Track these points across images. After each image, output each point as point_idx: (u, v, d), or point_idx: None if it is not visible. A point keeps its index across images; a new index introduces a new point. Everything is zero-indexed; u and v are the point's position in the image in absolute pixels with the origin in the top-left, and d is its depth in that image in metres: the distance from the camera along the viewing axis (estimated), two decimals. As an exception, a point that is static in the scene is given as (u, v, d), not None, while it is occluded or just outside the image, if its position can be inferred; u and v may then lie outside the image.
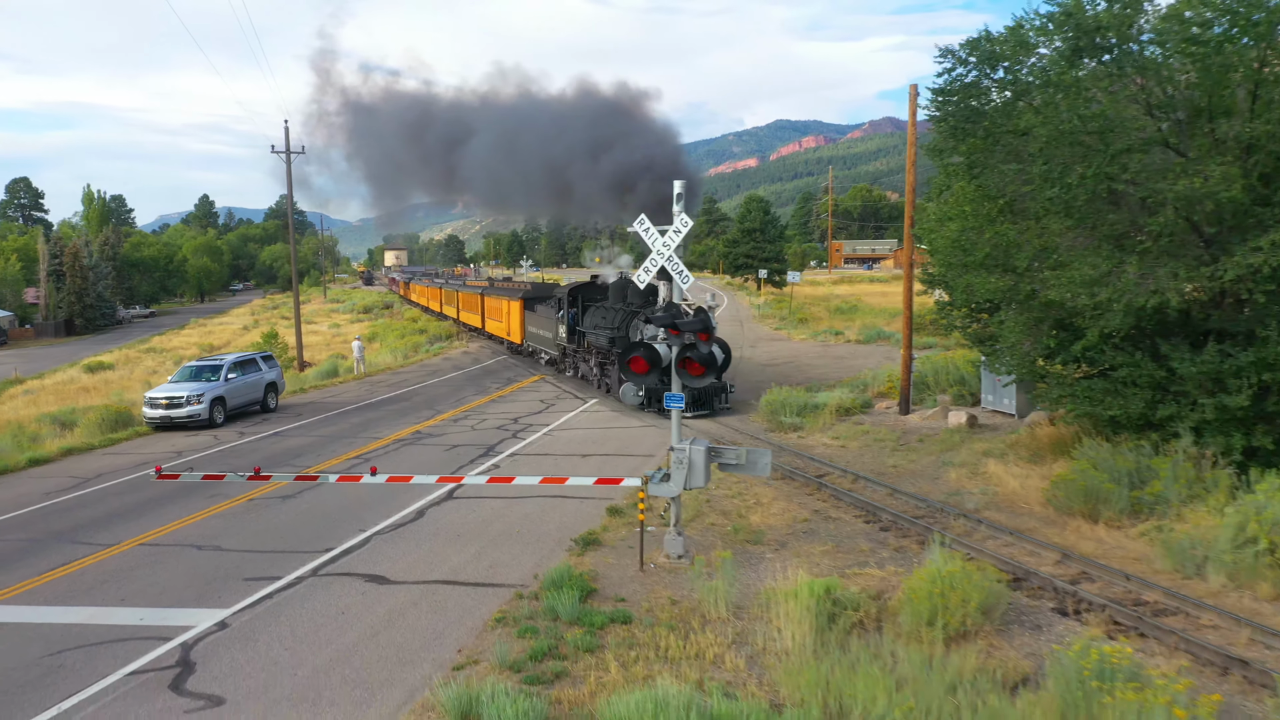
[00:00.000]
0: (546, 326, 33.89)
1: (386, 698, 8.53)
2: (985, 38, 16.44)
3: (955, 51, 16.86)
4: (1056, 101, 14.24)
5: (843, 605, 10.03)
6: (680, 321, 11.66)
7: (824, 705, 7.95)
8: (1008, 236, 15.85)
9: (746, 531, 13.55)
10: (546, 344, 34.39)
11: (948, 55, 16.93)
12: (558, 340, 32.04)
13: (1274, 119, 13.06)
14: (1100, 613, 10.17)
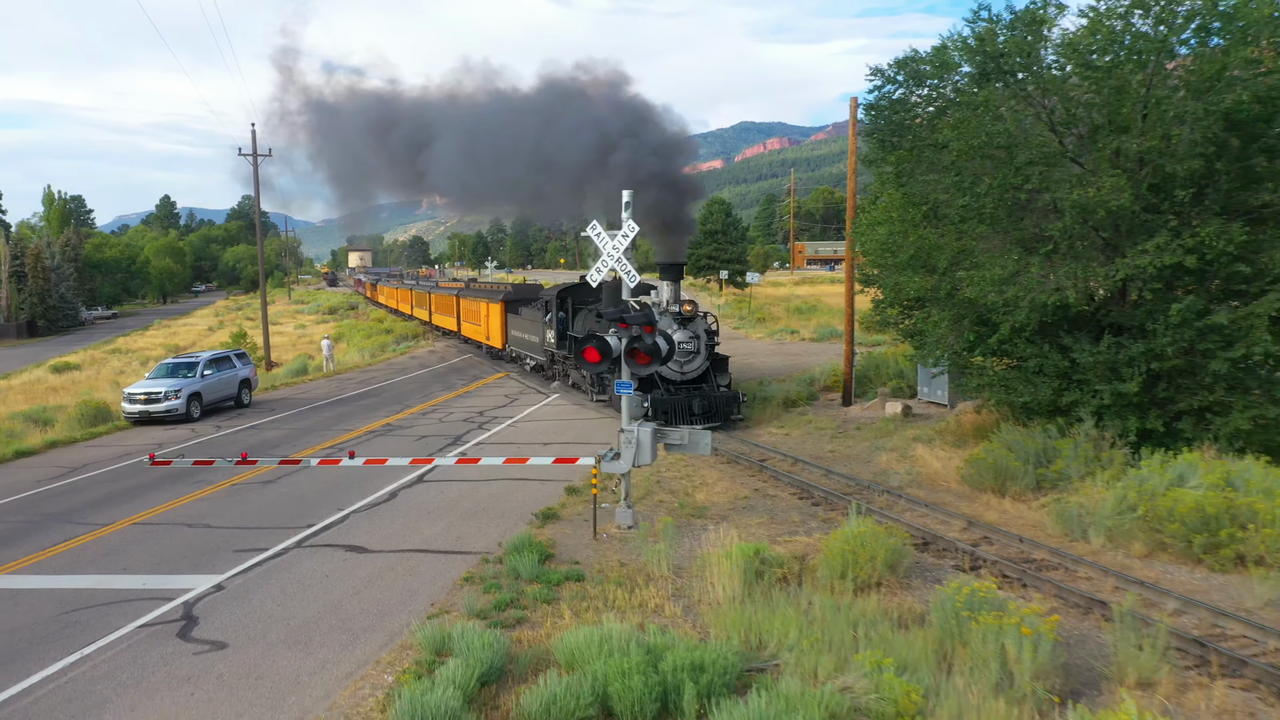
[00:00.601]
0: (532, 330, 31.71)
1: (369, 640, 9.84)
2: (912, 58, 18.03)
3: (884, 70, 18.44)
4: (968, 118, 15.81)
5: (769, 564, 11.46)
6: (628, 315, 13.05)
7: (745, 638, 9.37)
8: (930, 240, 17.42)
9: (692, 507, 14.97)
10: (532, 349, 32.20)
11: (878, 74, 18.52)
12: (545, 345, 30.05)
13: (1159, 136, 14.67)
14: (992, 568, 11.70)
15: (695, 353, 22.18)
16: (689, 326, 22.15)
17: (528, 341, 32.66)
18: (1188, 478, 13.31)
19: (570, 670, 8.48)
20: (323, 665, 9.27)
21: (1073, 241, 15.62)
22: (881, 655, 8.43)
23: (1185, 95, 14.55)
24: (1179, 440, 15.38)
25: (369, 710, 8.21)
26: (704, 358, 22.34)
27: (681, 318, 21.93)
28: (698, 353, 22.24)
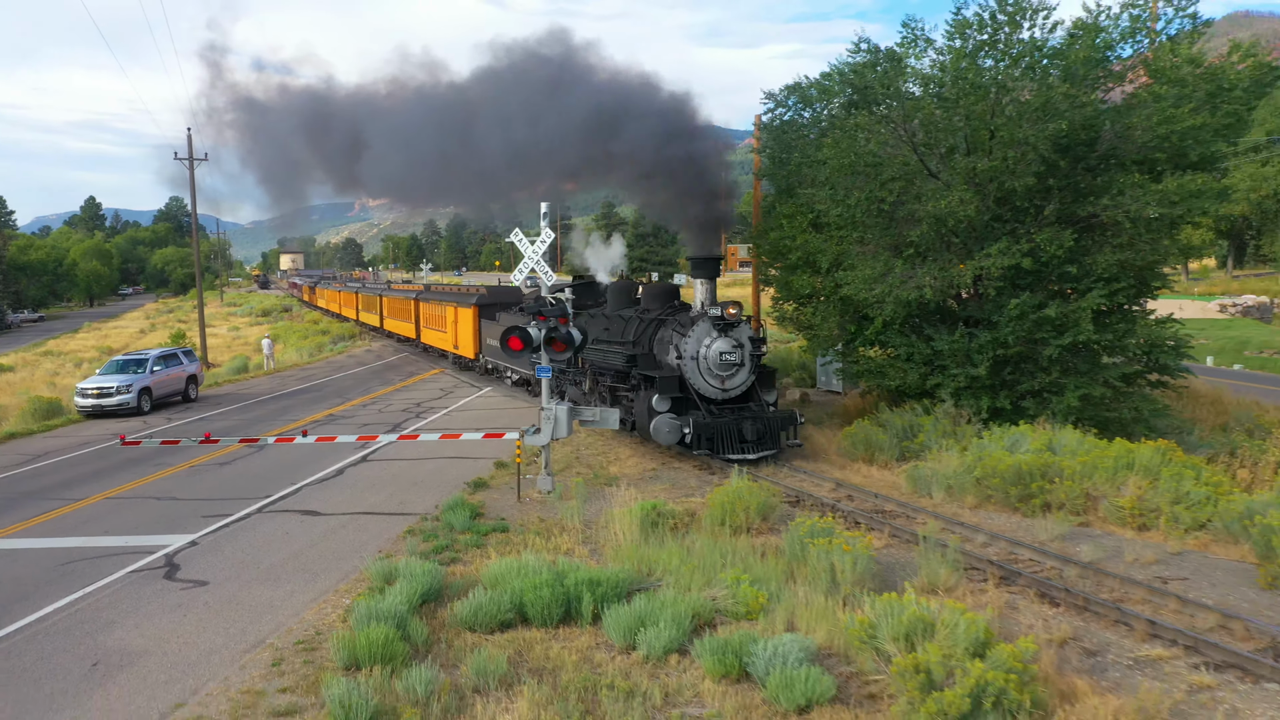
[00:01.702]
0: None
1: (328, 577, 11.90)
2: (799, 85, 20.52)
3: (775, 94, 20.91)
4: (843, 139, 18.33)
5: (664, 516, 13.73)
6: (545, 309, 15.24)
7: (637, 568, 11.61)
8: (814, 244, 19.92)
9: (605, 477, 17.21)
10: (515, 360, 27.52)
11: (771, 98, 20.96)
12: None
13: (1001, 157, 17.30)
14: (848, 516, 14.13)
15: (739, 365, 18.21)
16: (731, 334, 18.16)
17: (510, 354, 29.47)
18: (1020, 444, 15.93)
19: (493, 588, 10.64)
20: (291, 594, 11.32)
21: (931, 246, 18.23)
22: (741, 573, 10.76)
23: (1022, 123, 17.21)
24: (1024, 416, 18.03)
25: (332, 620, 10.29)
26: (749, 371, 18.34)
27: (722, 323, 18.12)
28: (741, 365, 18.24)
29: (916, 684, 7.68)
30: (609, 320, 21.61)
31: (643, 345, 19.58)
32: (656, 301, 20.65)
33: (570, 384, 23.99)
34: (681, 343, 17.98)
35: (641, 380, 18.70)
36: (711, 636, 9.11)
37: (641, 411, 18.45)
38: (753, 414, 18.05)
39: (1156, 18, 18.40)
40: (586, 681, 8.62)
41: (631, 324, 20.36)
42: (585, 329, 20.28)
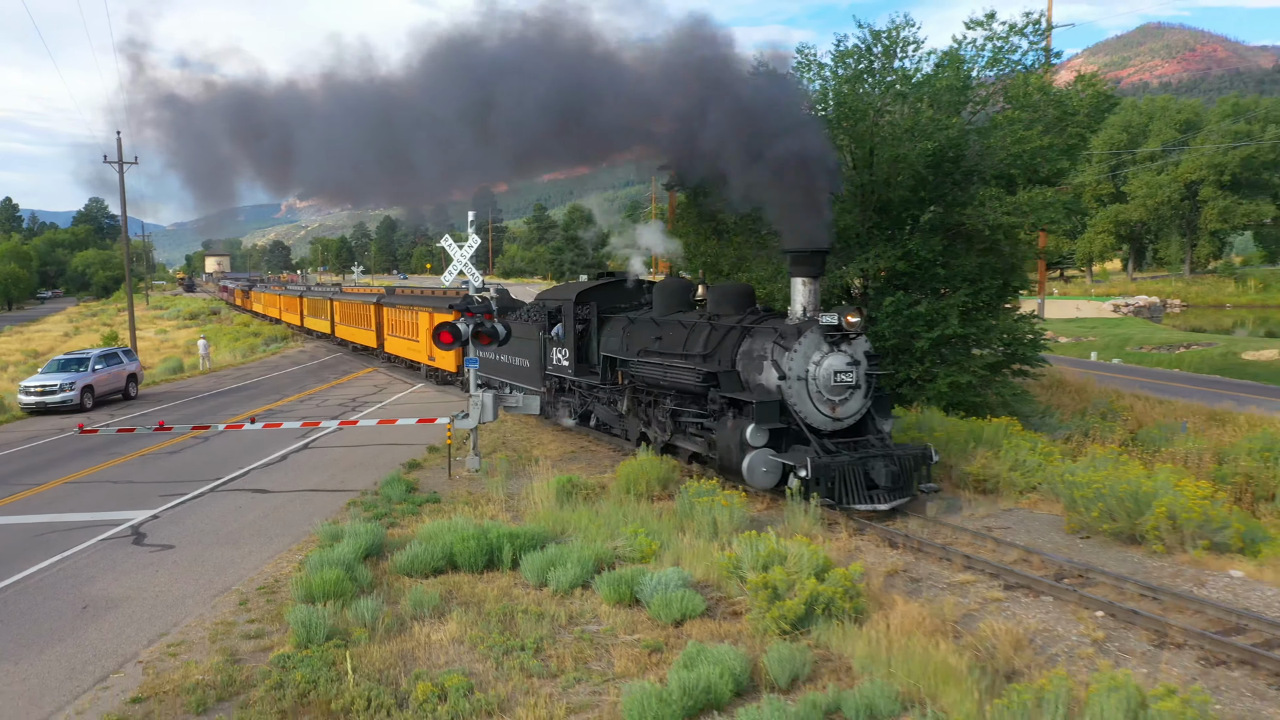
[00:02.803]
0: (521, 351, 22.93)
1: (281, 539, 13.62)
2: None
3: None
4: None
5: (578, 487, 15.66)
6: (472, 306, 17.09)
7: (552, 526, 13.52)
8: (716, 249, 22.05)
9: (528, 458, 19.09)
10: (520, 376, 23.25)
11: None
12: (550, 369, 21.45)
13: (879, 172, 19.61)
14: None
15: (854, 387, 14.44)
16: (845, 348, 14.45)
17: (511, 366, 23.95)
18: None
19: (427, 542, 12.46)
20: (249, 553, 13.02)
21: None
22: (639, 527, 12.76)
23: (897, 142, 19.52)
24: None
25: (288, 571, 12.03)
26: (865, 394, 14.63)
27: (834, 334, 14.37)
28: (857, 387, 14.48)
29: (765, 597, 9.75)
30: (660, 327, 17.48)
31: (722, 360, 15.49)
32: (729, 304, 16.67)
33: (598, 402, 20.03)
34: (784, 358, 14.24)
35: (726, 405, 14.88)
36: (610, 573, 11.08)
37: (729, 445, 14.67)
38: (881, 450, 14.03)
39: (1014, 50, 20.88)
40: (505, 609, 10.53)
41: (698, 332, 16.39)
42: (626, 336, 18.44)
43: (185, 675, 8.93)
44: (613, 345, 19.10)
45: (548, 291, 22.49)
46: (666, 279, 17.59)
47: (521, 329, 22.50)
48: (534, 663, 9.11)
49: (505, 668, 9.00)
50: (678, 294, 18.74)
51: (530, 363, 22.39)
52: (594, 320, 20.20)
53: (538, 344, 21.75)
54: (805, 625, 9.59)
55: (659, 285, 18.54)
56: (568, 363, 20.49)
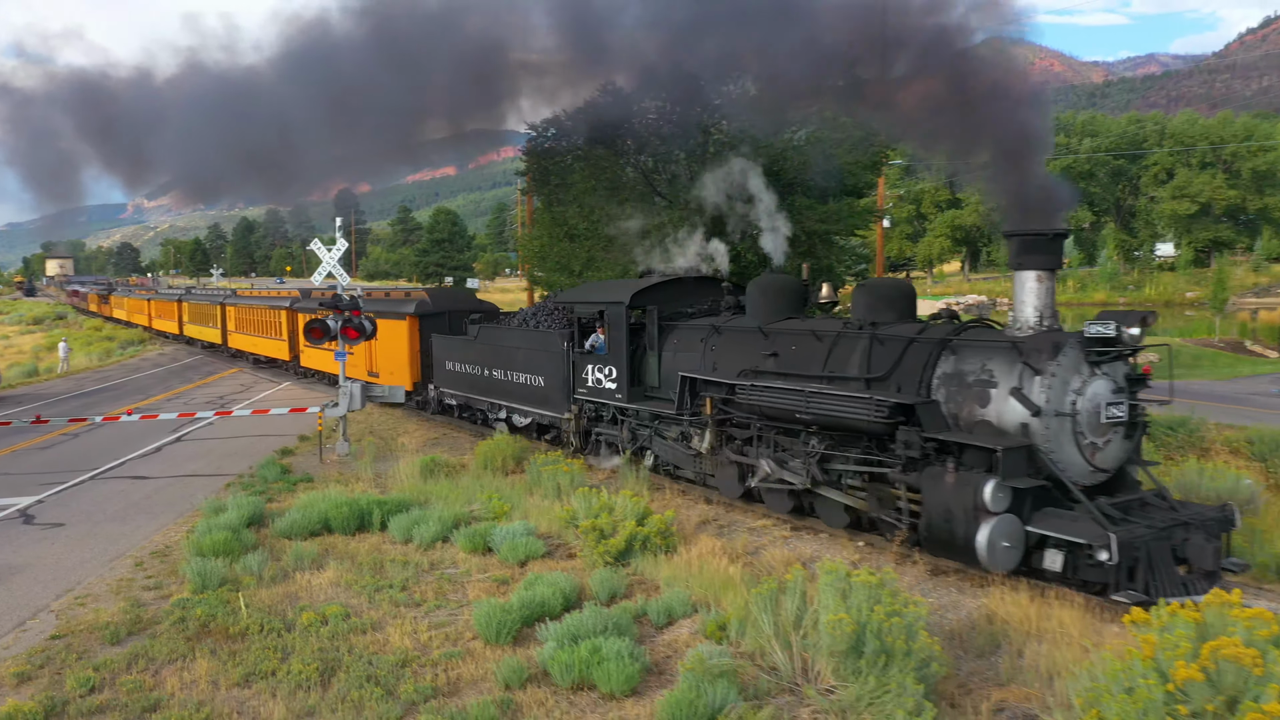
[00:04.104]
0: (529, 366, 18.72)
1: (167, 516, 15.01)
2: (556, 119, 24.70)
3: (537, 126, 25.03)
4: (588, 166, 22.67)
5: (440, 465, 17.51)
6: (340, 303, 18.68)
7: (416, 496, 15.33)
8: (568, 251, 24.19)
9: (395, 444, 20.77)
10: (528, 398, 18.90)
11: (533, 128, 25.06)
12: (583, 392, 17.22)
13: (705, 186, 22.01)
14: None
15: (1124, 424, 10.87)
16: (1105, 369, 10.81)
17: (503, 384, 19.70)
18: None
19: (304, 511, 14.11)
20: (138, 528, 14.39)
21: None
22: (493, 493, 14.73)
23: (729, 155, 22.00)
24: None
25: (177, 539, 13.50)
26: (1128, 432, 10.96)
27: (1097, 351, 10.70)
28: (1130, 424, 10.93)
29: (594, 537, 11.89)
30: (771, 339, 13.70)
31: (904, 385, 11.64)
32: (889, 307, 12.72)
33: (659, 436, 15.80)
34: (1035, 385, 10.56)
35: (937, 451, 10.96)
36: (466, 528, 13.04)
37: (948, 508, 10.42)
38: (1182, 516, 10.30)
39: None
40: (375, 559, 12.37)
41: (848, 346, 12.52)
42: (712, 351, 14.51)
43: (96, 618, 10.45)
44: (688, 363, 14.95)
45: (572, 293, 18.68)
46: (769, 275, 14.45)
47: (529, 339, 18.81)
48: (401, 596, 11.00)
49: (376, 600, 10.86)
50: (788, 295, 14.37)
51: (547, 382, 18.04)
52: (653, 330, 15.86)
53: (559, 359, 17.55)
54: (626, 559, 11.79)
55: (759, 284, 14.40)
56: (614, 384, 16.18)
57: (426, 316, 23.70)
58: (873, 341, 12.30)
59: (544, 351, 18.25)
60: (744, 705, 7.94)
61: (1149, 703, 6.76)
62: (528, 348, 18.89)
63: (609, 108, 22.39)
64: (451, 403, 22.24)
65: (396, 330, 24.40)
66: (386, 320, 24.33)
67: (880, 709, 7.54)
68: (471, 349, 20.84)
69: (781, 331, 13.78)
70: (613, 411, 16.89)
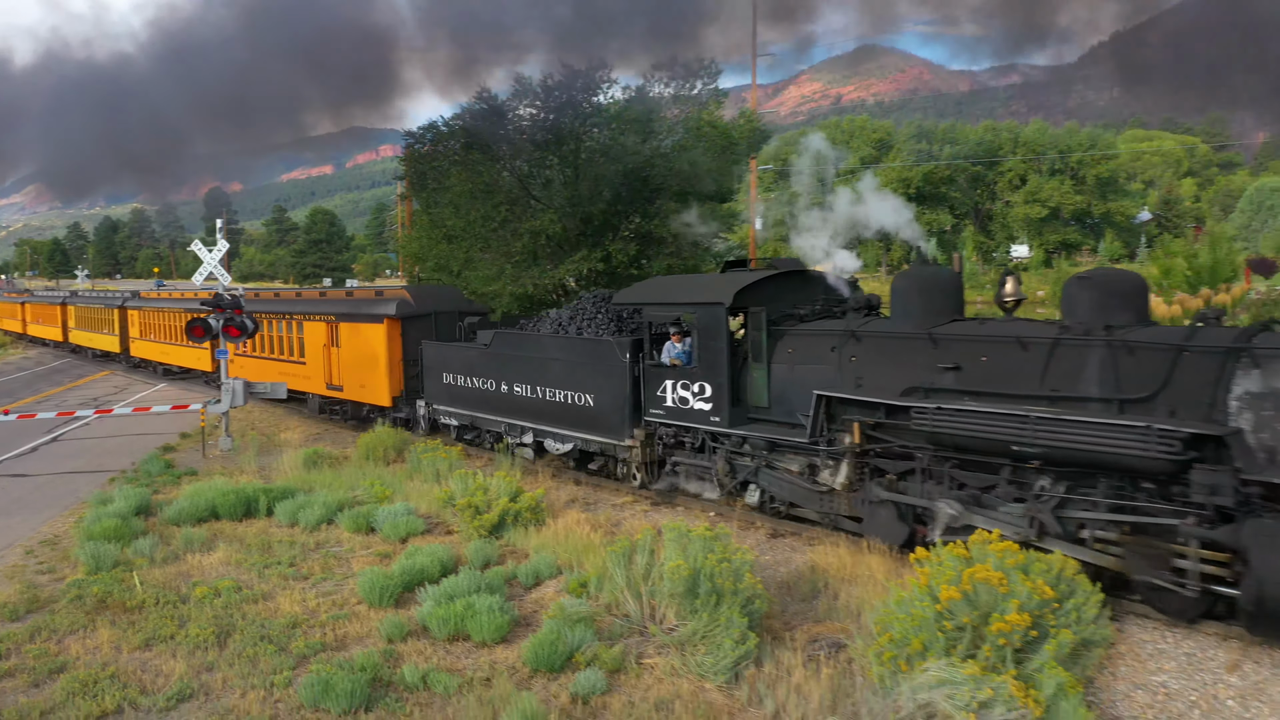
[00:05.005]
0: (574, 382, 15.65)
1: (53, 509, 15.43)
2: (433, 125, 25.59)
3: (415, 132, 25.88)
4: (465, 171, 23.67)
5: (323, 456, 18.29)
6: (223, 303, 19.21)
7: (301, 485, 16.12)
8: (446, 252, 25.13)
9: (278, 439, 21.36)
10: (574, 421, 15.82)
11: (410, 135, 25.90)
12: (656, 412, 14.38)
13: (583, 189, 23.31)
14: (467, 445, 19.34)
15: None
16: None
17: (541, 405, 16.43)
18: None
19: (192, 499, 14.77)
20: (23, 521, 14.80)
21: (533, 254, 24.01)
22: (375, 480, 15.65)
23: (596, 163, 23.33)
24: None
25: (65, 529, 14.01)
26: None
27: None
28: None
29: (470, 513, 13.01)
30: (938, 347, 11.23)
31: (1193, 409, 9.26)
32: (1121, 306, 10.17)
33: (768, 469, 13.03)
34: None
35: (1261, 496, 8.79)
36: (350, 510, 13.96)
37: None
38: None
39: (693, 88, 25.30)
40: (263, 541, 13.21)
41: (1082, 357, 10.04)
42: (851, 363, 11.96)
43: (-8, 599, 11.04)
44: (814, 377, 12.30)
45: (637, 291, 15.29)
46: (919, 268, 11.65)
47: (572, 348, 15.78)
48: (289, 571, 11.92)
49: (266, 575, 11.75)
50: (951, 292, 11.91)
51: (598, 401, 15.19)
52: (761, 336, 13.10)
53: (618, 373, 14.71)
54: (499, 532, 12.96)
55: (913, 278, 11.94)
56: (707, 404, 13.53)
57: (410, 319, 20.31)
58: (1114, 350, 9.79)
59: (595, 363, 15.17)
60: (599, 644, 9.23)
61: (923, 620, 8.36)
62: (570, 359, 15.69)
63: (484, 114, 23.47)
64: (450, 423, 19.03)
65: (369, 336, 20.80)
66: (353, 324, 21.34)
67: (713, 640, 8.91)
68: (482, 360, 17.66)
69: (960, 338, 11.06)
70: (702, 438, 13.96)
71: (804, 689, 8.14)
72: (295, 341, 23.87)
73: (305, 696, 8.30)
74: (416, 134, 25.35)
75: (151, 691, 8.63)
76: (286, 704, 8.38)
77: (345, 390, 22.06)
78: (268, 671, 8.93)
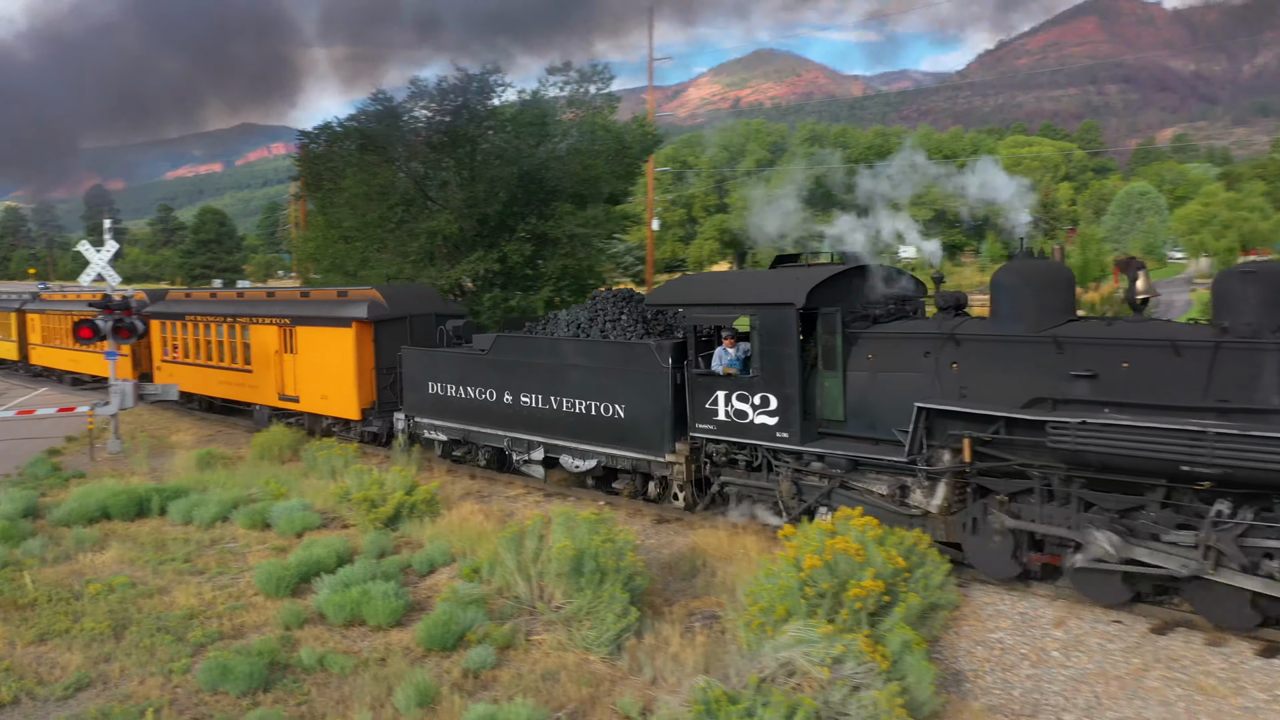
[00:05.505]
0: (600, 390, 14.08)
1: (-67, 513, 15.15)
2: (327, 126, 25.64)
3: (309, 132, 25.88)
4: (360, 173, 23.82)
5: (216, 457, 18.30)
6: (113, 304, 19.03)
7: (194, 485, 16.16)
8: (343, 252, 25.21)
9: (169, 441, 21.19)
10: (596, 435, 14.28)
11: (305, 135, 25.89)
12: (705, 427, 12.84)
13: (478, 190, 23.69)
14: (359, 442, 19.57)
15: None
16: None
17: (558, 417, 14.84)
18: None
19: (82, 500, 14.72)
20: (-98, 526, 14.52)
21: (430, 254, 24.29)
22: (270, 478, 15.83)
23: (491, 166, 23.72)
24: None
25: (-51, 533, 13.83)
26: None
27: None
28: None
29: (365, 507, 13.37)
30: (1063, 352, 9.90)
31: None
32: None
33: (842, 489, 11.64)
34: None
35: None
36: (246, 508, 14.16)
37: None
38: None
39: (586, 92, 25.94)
40: (158, 539, 13.34)
41: (1256, 364, 8.94)
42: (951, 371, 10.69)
43: (-125, 602, 10.96)
44: (904, 386, 11.05)
45: (680, 288, 14.45)
46: (1026, 261, 10.70)
47: (598, 353, 14.18)
48: (185, 566, 12.13)
49: (161, 571, 11.94)
50: (1065, 289, 10.75)
51: (630, 412, 13.70)
52: (836, 341, 11.72)
53: (658, 381, 13.23)
54: (395, 524, 13.36)
55: (1016, 273, 10.67)
56: (772, 418, 12.07)
57: (383, 323, 18.65)
58: None
59: (627, 370, 13.65)
60: (490, 624, 9.77)
61: (788, 589, 9.13)
62: (595, 365, 14.12)
63: (379, 115, 23.68)
64: (438, 438, 17.17)
65: (334, 341, 19.02)
66: (314, 328, 19.51)
67: (597, 616, 9.54)
68: (480, 367, 15.99)
69: (1093, 341, 9.81)
70: (762, 456, 12.49)
71: (680, 657, 8.82)
72: (239, 347, 21.89)
73: (204, 680, 8.63)
74: (311, 134, 25.35)
75: (49, 682, 8.84)
76: (185, 689, 8.69)
77: (302, 401, 20.18)
78: (165, 660, 9.21)
